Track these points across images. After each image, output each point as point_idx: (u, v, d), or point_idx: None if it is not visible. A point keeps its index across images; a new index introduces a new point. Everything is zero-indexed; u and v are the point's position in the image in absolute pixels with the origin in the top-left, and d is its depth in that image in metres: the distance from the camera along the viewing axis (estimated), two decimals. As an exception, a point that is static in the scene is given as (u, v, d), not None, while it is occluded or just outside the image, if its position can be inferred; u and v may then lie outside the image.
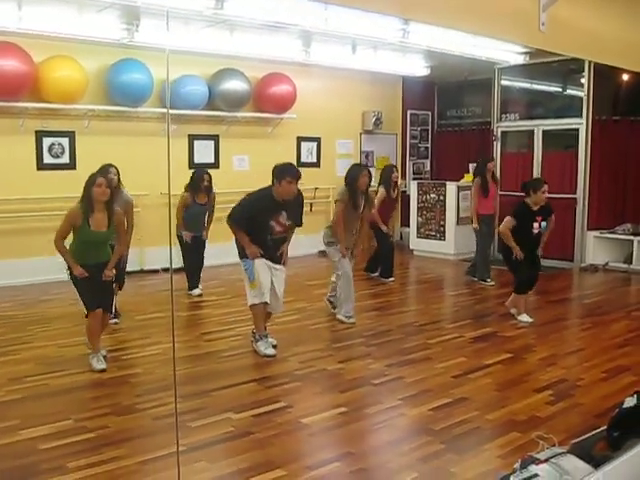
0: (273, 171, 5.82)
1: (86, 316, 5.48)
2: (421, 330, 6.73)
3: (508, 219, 7.00)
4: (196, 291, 8.34)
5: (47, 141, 9.02)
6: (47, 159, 9.04)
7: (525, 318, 7.17)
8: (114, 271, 5.61)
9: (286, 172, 5.74)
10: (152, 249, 9.11)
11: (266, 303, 5.90)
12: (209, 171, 8.31)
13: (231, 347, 6.20)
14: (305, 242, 11.19)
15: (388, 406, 4.77)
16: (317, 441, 4.27)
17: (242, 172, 10.47)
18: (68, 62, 8.70)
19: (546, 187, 6.96)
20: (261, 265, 5.83)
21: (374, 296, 8.56)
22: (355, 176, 7.02)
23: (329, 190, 11.25)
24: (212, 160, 10.45)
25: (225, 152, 10.59)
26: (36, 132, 8.92)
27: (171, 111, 9.67)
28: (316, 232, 11.12)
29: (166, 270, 9.41)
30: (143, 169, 8.61)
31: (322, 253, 11.25)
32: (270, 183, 5.82)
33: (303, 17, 7.18)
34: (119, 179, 6.76)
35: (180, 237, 8.12)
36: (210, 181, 8.19)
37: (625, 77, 10.44)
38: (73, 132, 9.15)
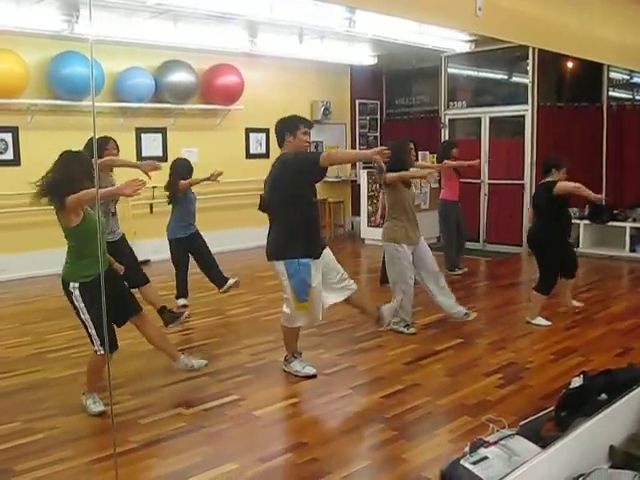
0: (282, 128, 5.03)
1: (96, 352, 4.40)
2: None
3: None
4: (231, 281, 7.44)
5: (-11, 137, 8.80)
6: (-11, 155, 8.80)
7: (543, 322, 6.55)
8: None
9: (298, 122, 5.01)
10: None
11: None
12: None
13: (182, 341, 6.13)
14: (255, 234, 11.19)
15: (340, 395, 4.78)
16: (269, 433, 4.25)
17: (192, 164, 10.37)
18: (8, 55, 8.47)
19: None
20: (318, 287, 5.02)
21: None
22: (407, 151, 6.42)
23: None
24: (160, 153, 10.31)
25: (173, 145, 10.45)
26: (-23, 128, 8.69)
27: (116, 104, 9.54)
28: (267, 224, 11.10)
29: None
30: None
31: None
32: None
33: (248, 6, 7.13)
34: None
35: (172, 240, 7.24)
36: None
37: (569, 64, 10.60)
38: (16, 127, 8.92)
